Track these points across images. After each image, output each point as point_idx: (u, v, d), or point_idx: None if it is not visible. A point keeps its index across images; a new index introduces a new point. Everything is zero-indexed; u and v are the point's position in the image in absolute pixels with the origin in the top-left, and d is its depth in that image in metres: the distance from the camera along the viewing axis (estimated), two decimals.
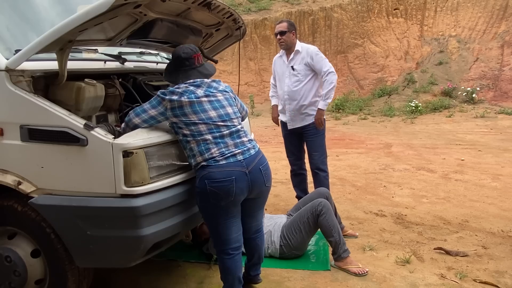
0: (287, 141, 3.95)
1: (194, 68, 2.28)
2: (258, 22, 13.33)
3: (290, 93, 3.71)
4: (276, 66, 3.91)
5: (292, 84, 3.69)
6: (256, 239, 2.51)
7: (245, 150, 2.18)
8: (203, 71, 2.31)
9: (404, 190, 4.70)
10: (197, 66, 2.29)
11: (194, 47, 2.33)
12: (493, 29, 11.67)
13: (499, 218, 3.79)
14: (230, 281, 2.32)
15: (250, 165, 2.16)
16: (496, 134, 8.06)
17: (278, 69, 3.86)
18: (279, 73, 3.84)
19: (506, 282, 2.70)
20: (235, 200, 2.16)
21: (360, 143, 7.70)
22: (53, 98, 2.03)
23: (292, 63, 3.69)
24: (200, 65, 2.32)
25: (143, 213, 1.93)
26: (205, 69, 2.33)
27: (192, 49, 2.30)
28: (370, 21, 12.88)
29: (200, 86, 2.19)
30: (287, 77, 3.72)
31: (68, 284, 2.13)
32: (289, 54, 3.72)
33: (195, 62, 2.28)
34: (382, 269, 2.87)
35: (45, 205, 1.98)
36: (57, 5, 2.66)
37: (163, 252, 2.34)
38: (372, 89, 12.52)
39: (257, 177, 2.19)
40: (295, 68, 3.67)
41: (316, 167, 3.72)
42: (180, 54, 2.27)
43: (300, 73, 3.65)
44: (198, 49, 2.35)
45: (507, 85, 10.66)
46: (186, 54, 2.27)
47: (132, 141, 1.94)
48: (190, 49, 2.29)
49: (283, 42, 3.66)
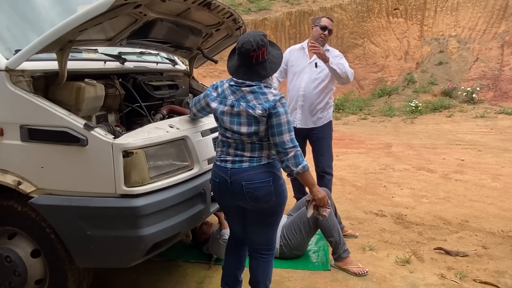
0: None
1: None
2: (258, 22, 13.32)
3: (307, 91, 3.51)
4: (292, 57, 3.63)
5: (312, 82, 3.50)
6: (251, 258, 2.33)
7: (236, 160, 2.10)
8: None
9: (404, 190, 4.70)
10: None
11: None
12: (493, 29, 11.67)
13: (499, 218, 3.79)
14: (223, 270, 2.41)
15: (233, 176, 2.09)
16: (496, 134, 8.06)
17: (295, 62, 3.59)
18: (296, 66, 3.59)
19: (506, 282, 2.70)
20: (221, 201, 2.27)
21: (360, 143, 7.70)
22: (53, 98, 2.03)
23: (317, 60, 3.48)
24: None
25: (143, 213, 1.93)
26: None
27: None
28: (370, 21, 12.87)
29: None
30: (307, 73, 3.52)
31: (68, 284, 2.13)
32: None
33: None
34: (382, 269, 2.87)
35: (45, 205, 1.98)
36: (57, 5, 2.66)
37: (163, 252, 2.34)
38: (372, 89, 12.51)
39: (238, 190, 2.09)
40: (319, 65, 3.47)
41: (323, 170, 3.61)
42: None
43: (322, 72, 3.48)
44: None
45: (507, 85, 10.65)
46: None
47: (132, 141, 1.94)
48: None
49: (325, 38, 3.47)
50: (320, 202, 2.20)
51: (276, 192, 2.11)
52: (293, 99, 3.61)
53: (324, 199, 2.20)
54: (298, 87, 3.55)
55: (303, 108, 3.55)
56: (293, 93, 3.60)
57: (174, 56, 3.30)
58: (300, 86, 3.54)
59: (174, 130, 2.22)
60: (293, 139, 2.04)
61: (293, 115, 3.61)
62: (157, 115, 2.61)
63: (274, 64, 2.11)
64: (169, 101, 2.97)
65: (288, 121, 2.04)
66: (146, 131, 2.10)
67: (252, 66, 2.04)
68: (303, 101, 3.54)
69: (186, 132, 2.25)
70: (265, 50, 2.05)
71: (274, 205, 2.14)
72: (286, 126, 2.02)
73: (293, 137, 2.05)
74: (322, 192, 2.21)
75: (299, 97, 3.55)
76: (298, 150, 2.04)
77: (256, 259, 2.30)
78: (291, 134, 2.04)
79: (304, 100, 3.53)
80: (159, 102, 2.83)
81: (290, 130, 2.04)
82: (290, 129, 2.04)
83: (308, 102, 3.53)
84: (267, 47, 2.07)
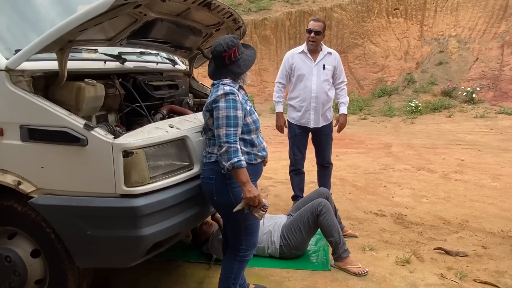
0: (297, 141, 3.86)
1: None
2: (258, 22, 13.33)
3: (319, 92, 3.68)
4: (295, 61, 3.73)
5: (322, 83, 3.68)
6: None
7: (204, 156, 2.24)
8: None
9: (404, 190, 4.70)
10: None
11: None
12: (493, 29, 11.66)
13: (499, 218, 3.79)
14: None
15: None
16: (496, 134, 8.06)
17: (301, 66, 3.70)
18: (302, 69, 3.69)
19: (506, 282, 2.70)
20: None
21: (360, 143, 7.70)
22: (53, 98, 2.03)
23: (323, 62, 3.66)
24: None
25: (143, 213, 1.93)
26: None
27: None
28: (370, 21, 12.87)
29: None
30: (315, 75, 3.67)
31: (68, 284, 2.13)
32: (315, 53, 3.69)
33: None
34: (382, 269, 2.87)
35: (45, 205, 1.98)
36: (57, 5, 2.66)
37: (163, 252, 2.34)
38: (372, 89, 12.51)
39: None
40: (327, 67, 3.66)
41: (327, 161, 3.93)
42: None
43: (329, 74, 3.70)
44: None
45: (507, 85, 10.65)
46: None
47: (132, 141, 1.94)
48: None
49: (314, 41, 3.61)
50: (250, 201, 2.04)
51: (218, 190, 2.13)
52: (304, 101, 3.73)
53: (254, 199, 2.04)
54: (309, 89, 3.69)
55: (316, 109, 3.72)
56: (305, 95, 3.72)
57: (174, 56, 3.30)
58: (311, 88, 3.69)
59: (174, 130, 2.22)
60: (229, 134, 2.02)
61: (306, 117, 3.75)
62: (157, 115, 2.61)
63: (248, 61, 2.22)
64: (169, 101, 2.97)
65: (228, 116, 2.03)
66: (146, 131, 2.10)
67: (226, 66, 2.17)
68: (315, 102, 3.70)
69: (186, 132, 2.25)
70: (236, 50, 2.17)
71: (220, 204, 2.19)
72: (224, 120, 2.03)
73: (230, 132, 2.03)
74: (254, 192, 2.04)
75: (312, 99, 3.70)
76: (232, 147, 2.01)
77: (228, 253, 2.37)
78: (228, 130, 2.03)
79: (317, 101, 3.70)
80: (159, 102, 2.84)
81: (228, 125, 2.03)
82: (228, 124, 2.03)
83: (320, 102, 3.70)
84: (239, 47, 2.19)
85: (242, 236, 2.25)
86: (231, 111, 2.04)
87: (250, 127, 2.17)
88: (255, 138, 2.22)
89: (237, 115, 2.06)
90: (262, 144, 2.28)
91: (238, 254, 2.28)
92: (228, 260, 2.33)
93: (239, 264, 2.30)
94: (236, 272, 2.31)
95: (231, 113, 2.04)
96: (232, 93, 2.07)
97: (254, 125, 2.20)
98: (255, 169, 2.23)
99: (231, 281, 2.30)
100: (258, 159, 2.24)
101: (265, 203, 2.12)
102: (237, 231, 2.25)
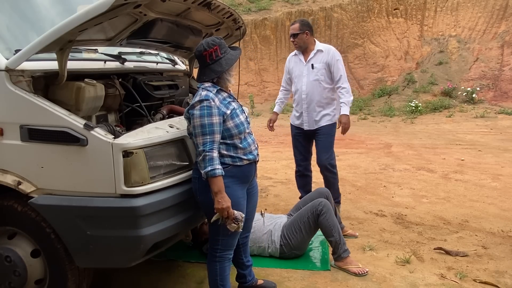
0: (296, 141, 3.87)
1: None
2: (258, 22, 13.33)
3: (309, 93, 3.63)
4: (291, 65, 3.80)
5: (310, 82, 3.62)
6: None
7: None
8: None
9: (404, 190, 4.70)
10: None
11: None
12: (493, 29, 11.67)
13: (499, 218, 3.79)
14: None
15: None
16: (496, 134, 8.06)
17: (294, 68, 3.75)
18: (295, 71, 3.73)
19: (506, 282, 2.70)
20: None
21: (360, 143, 7.70)
22: (53, 98, 2.03)
23: (312, 61, 3.62)
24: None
25: (143, 213, 1.93)
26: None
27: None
28: (370, 21, 12.88)
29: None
30: (305, 76, 3.64)
31: (68, 284, 2.13)
32: (307, 53, 3.66)
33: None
34: (382, 269, 2.87)
35: (45, 205, 1.98)
36: (57, 5, 2.66)
37: (163, 252, 2.34)
38: (372, 89, 12.52)
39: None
40: (315, 66, 3.60)
41: (322, 163, 3.70)
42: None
43: (319, 72, 3.59)
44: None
45: (507, 85, 10.65)
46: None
47: (132, 141, 1.94)
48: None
49: (296, 44, 3.63)
50: (219, 212, 2.05)
51: (200, 190, 2.15)
52: (298, 103, 3.75)
53: (222, 210, 2.03)
54: (300, 91, 3.70)
55: (308, 110, 3.68)
56: (298, 97, 3.74)
57: (174, 56, 3.31)
58: (302, 89, 3.68)
59: (174, 130, 2.22)
60: (205, 143, 2.02)
61: (301, 119, 3.76)
62: (157, 115, 2.62)
63: (230, 60, 2.20)
64: (169, 101, 2.97)
65: (202, 125, 2.03)
66: (146, 131, 2.10)
67: (208, 65, 2.16)
68: (307, 103, 3.67)
69: (186, 132, 2.25)
70: (218, 49, 2.16)
71: (201, 203, 2.19)
72: (199, 129, 2.03)
73: (207, 141, 2.02)
74: (223, 203, 2.03)
75: (303, 101, 3.69)
76: (207, 155, 2.01)
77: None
78: (205, 138, 2.03)
79: (308, 102, 3.67)
80: (159, 102, 2.84)
81: (204, 134, 2.03)
82: (204, 133, 2.03)
83: (312, 103, 3.65)
84: (221, 46, 2.18)
85: (220, 236, 2.24)
86: (205, 119, 2.02)
87: (232, 131, 2.12)
88: (239, 142, 2.16)
89: (212, 121, 2.04)
90: (250, 147, 2.21)
91: (216, 255, 2.29)
92: (209, 263, 2.33)
93: (220, 265, 2.30)
94: (221, 273, 2.31)
95: (206, 121, 2.02)
96: (206, 99, 2.04)
97: (236, 129, 2.13)
98: (241, 171, 2.19)
99: (219, 282, 2.31)
100: (244, 162, 2.19)
101: (237, 215, 2.08)
102: (215, 231, 2.24)
